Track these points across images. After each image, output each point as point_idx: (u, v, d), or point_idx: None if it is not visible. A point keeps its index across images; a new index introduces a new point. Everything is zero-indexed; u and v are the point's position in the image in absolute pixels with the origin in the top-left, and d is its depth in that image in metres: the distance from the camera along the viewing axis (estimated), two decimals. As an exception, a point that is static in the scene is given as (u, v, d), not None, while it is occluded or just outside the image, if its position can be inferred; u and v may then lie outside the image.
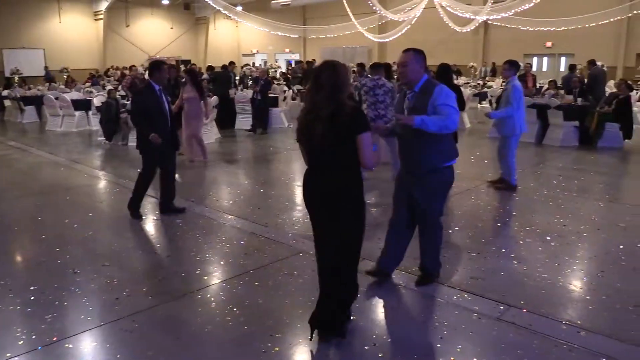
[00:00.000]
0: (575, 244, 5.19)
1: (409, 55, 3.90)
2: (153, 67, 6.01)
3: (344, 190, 3.23)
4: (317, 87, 3.15)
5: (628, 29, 22.66)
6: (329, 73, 3.14)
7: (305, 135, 3.23)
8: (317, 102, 3.14)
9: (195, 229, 5.73)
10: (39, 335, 3.50)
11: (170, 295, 4.05)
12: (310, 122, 3.16)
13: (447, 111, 3.77)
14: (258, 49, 37.51)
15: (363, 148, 3.13)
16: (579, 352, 3.26)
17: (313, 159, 3.29)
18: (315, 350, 3.33)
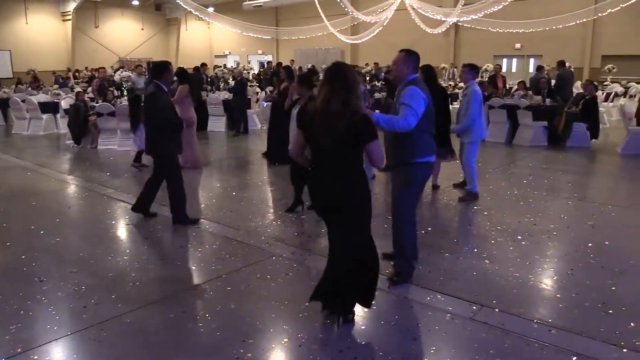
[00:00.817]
0: (546, 243, 5.27)
1: (400, 56, 4.17)
2: (160, 68, 5.75)
3: (355, 186, 3.35)
4: (330, 85, 3.23)
5: (593, 31, 23.21)
6: (340, 73, 3.27)
7: (316, 132, 3.28)
8: (329, 100, 3.20)
9: (166, 233, 5.63)
10: (2, 346, 3.37)
11: (140, 301, 3.96)
12: (321, 119, 3.23)
13: (403, 111, 3.95)
14: (230, 51, 37.26)
15: (373, 153, 3.32)
16: (550, 350, 3.29)
17: (320, 157, 3.38)
18: (289, 354, 3.30)
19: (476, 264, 4.68)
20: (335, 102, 3.19)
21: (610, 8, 19.99)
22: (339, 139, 3.20)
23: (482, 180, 7.87)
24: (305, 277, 4.46)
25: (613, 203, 6.67)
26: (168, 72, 5.75)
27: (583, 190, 7.67)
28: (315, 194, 3.50)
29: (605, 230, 5.62)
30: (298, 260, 4.78)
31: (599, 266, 4.63)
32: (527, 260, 4.77)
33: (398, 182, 4.23)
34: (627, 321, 3.62)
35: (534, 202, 6.67)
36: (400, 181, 4.20)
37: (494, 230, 5.65)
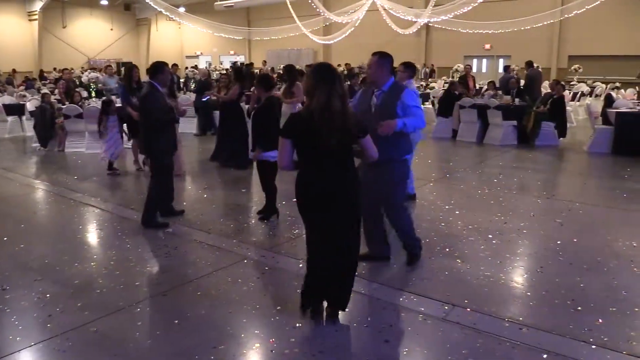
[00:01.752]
0: (516, 241, 5.32)
1: (373, 60, 4.28)
2: (155, 68, 5.71)
3: (350, 185, 3.41)
4: (332, 83, 3.23)
5: (560, 32, 23.72)
6: (336, 73, 3.33)
7: (323, 130, 3.20)
8: (336, 96, 3.22)
9: (134, 238, 5.51)
10: (-40, 359, 3.24)
11: (107, 309, 3.85)
12: (329, 117, 3.19)
13: (416, 112, 4.28)
14: (202, 51, 36.96)
15: (371, 147, 3.44)
16: (522, 348, 3.31)
17: (321, 156, 3.33)
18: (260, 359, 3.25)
19: (448, 264, 4.69)
20: (336, 100, 3.23)
21: (576, 10, 20.44)
22: (346, 137, 3.28)
23: (453, 179, 7.95)
24: (277, 280, 4.41)
25: (580, 200, 6.79)
26: (163, 73, 5.72)
27: (552, 189, 7.79)
28: (313, 193, 3.39)
29: (573, 227, 5.71)
30: (269, 263, 4.72)
31: (567, 263, 4.69)
32: (498, 259, 4.81)
33: (387, 179, 4.39)
34: (596, 317, 3.67)
35: (505, 201, 6.75)
36: (390, 178, 4.40)
37: (465, 229, 5.68)
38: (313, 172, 3.38)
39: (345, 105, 3.29)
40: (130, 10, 36.15)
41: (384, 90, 4.30)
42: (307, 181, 3.40)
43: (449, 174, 8.44)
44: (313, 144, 3.28)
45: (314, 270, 3.57)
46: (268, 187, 5.96)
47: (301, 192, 3.45)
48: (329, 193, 3.35)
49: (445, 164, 9.38)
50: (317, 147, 3.28)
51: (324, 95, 3.21)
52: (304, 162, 3.41)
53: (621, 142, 9.92)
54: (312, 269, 3.58)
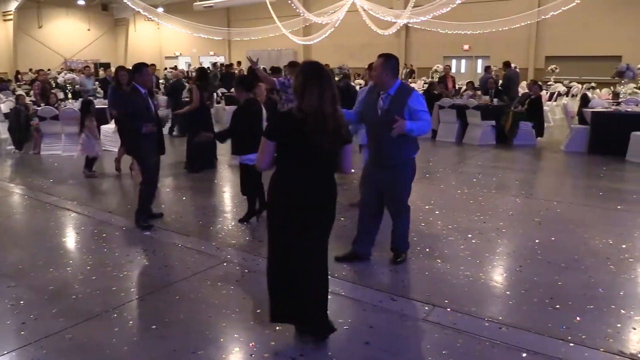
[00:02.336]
0: (495, 240, 5.36)
1: (378, 62, 4.26)
2: (134, 69, 5.77)
3: (334, 193, 3.28)
4: (322, 85, 3.05)
5: (537, 33, 24.01)
6: (327, 72, 3.15)
7: (315, 137, 3.01)
8: (327, 100, 3.04)
9: (112, 241, 5.42)
10: None
11: (83, 315, 3.77)
12: (322, 121, 3.02)
13: (423, 117, 4.27)
14: (181, 52, 36.63)
15: (347, 156, 3.24)
16: (501, 348, 3.33)
17: (313, 163, 3.14)
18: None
19: (428, 264, 4.70)
20: (328, 101, 3.05)
21: (553, 11, 20.72)
22: (337, 141, 3.13)
23: (433, 179, 7.99)
24: (257, 282, 4.35)
25: (558, 199, 6.88)
26: (141, 74, 5.69)
27: (530, 188, 7.87)
28: (305, 201, 3.15)
29: (551, 226, 5.77)
30: (249, 266, 4.68)
31: (546, 262, 4.73)
32: (477, 259, 4.83)
33: (403, 180, 4.48)
34: (574, 315, 3.71)
35: (484, 201, 6.80)
36: (406, 179, 4.51)
37: (445, 229, 5.71)
38: (301, 178, 3.14)
39: (336, 107, 3.10)
40: (108, 10, 35.72)
41: (390, 93, 4.27)
42: (295, 188, 3.13)
43: (428, 174, 8.48)
44: (304, 146, 3.06)
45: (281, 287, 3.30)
46: (250, 190, 5.90)
47: (286, 199, 3.15)
48: (318, 202, 3.19)
49: (424, 164, 9.40)
50: (308, 151, 3.06)
51: (314, 96, 3.01)
52: (289, 166, 3.15)
53: (597, 141, 10.08)
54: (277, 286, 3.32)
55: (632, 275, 4.47)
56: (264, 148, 3.13)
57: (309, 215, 3.18)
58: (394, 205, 4.59)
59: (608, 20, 21.69)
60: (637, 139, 9.38)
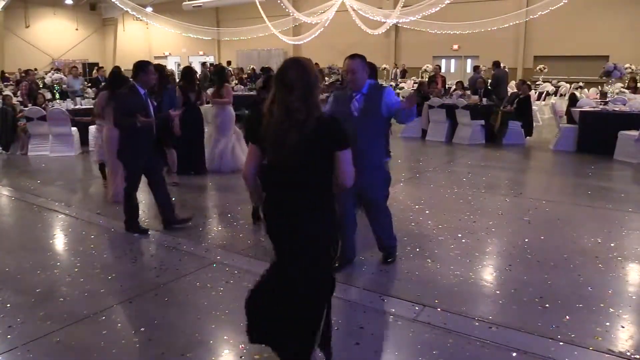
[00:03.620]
0: (485, 240, 5.37)
1: (357, 63, 4.12)
2: (137, 68, 5.40)
3: (314, 216, 2.66)
4: (286, 89, 2.55)
5: (526, 33, 24.18)
6: (298, 71, 2.58)
7: (275, 146, 2.61)
8: (290, 106, 2.54)
9: (100, 243, 5.37)
10: None
11: (70, 318, 3.72)
12: (283, 131, 2.55)
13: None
14: (170, 52, 36.46)
15: (343, 165, 2.62)
16: (491, 347, 3.33)
17: (280, 176, 2.67)
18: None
19: (418, 264, 4.70)
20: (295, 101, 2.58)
21: (541, 11, 20.86)
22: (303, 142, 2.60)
23: (423, 179, 7.99)
24: (246, 283, 4.32)
25: (547, 198, 6.91)
26: (145, 73, 5.39)
27: (519, 187, 7.91)
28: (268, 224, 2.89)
29: (540, 225, 5.79)
30: (239, 267, 4.65)
31: (535, 261, 4.75)
32: (467, 258, 4.84)
33: (375, 182, 4.40)
34: (563, 314, 3.72)
35: (474, 200, 6.81)
36: (384, 181, 4.55)
37: (435, 229, 5.71)
38: (268, 197, 2.79)
39: (307, 100, 2.56)
40: (96, 10, 35.49)
41: (363, 92, 4.23)
42: (265, 208, 2.83)
43: (418, 174, 8.49)
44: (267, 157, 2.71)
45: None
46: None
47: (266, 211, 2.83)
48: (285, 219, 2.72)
49: (414, 164, 9.43)
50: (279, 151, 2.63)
51: (276, 89, 2.62)
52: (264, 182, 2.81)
53: (585, 140, 10.16)
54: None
55: (620, 273, 4.50)
56: (248, 153, 2.87)
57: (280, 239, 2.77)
58: (373, 209, 4.56)
59: (596, 20, 21.88)
60: (624, 138, 9.45)
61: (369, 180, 4.25)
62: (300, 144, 2.54)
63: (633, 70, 16.85)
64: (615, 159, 9.47)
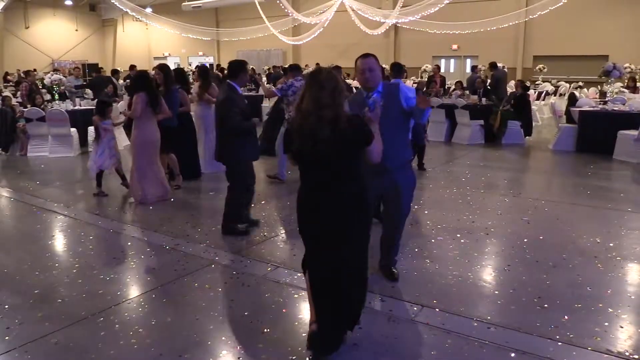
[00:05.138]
0: (484, 240, 5.37)
1: (373, 61, 3.99)
2: (236, 67, 5.36)
3: (354, 202, 3.04)
4: (318, 86, 2.92)
5: (525, 33, 24.16)
6: (329, 74, 3.00)
7: (309, 142, 2.92)
8: (321, 101, 2.89)
9: (98, 244, 5.37)
10: None
11: (69, 319, 3.72)
12: (312, 126, 2.89)
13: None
14: (170, 52, 36.42)
15: (370, 155, 3.07)
16: (489, 347, 3.32)
17: (318, 171, 3.02)
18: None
19: (417, 264, 4.70)
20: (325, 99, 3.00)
21: (540, 11, 20.86)
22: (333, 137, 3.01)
23: (422, 179, 7.98)
24: (245, 284, 4.33)
25: (546, 198, 6.91)
26: (244, 72, 5.40)
27: (518, 187, 7.90)
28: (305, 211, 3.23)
29: (539, 225, 5.79)
30: (238, 268, 4.64)
31: (534, 261, 4.74)
32: (466, 258, 4.83)
33: (407, 179, 4.16)
34: (562, 314, 3.71)
35: (472, 200, 6.81)
36: (409, 179, 4.20)
37: (434, 229, 5.71)
38: (303, 189, 3.13)
39: (335, 101, 2.92)
40: (96, 10, 35.47)
41: (379, 90, 4.06)
42: (306, 193, 3.13)
43: (417, 174, 8.48)
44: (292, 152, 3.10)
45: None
46: None
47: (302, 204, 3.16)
48: (327, 209, 3.04)
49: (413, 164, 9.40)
50: (297, 157, 3.07)
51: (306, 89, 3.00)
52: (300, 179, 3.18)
53: (584, 140, 10.15)
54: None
55: (619, 273, 4.49)
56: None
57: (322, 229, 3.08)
58: (398, 214, 4.24)
59: (595, 19, 21.87)
60: (623, 138, 9.45)
61: (395, 180, 4.04)
62: (331, 138, 2.87)
63: (632, 70, 16.83)
64: (614, 158, 9.46)
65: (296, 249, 5.04)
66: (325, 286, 3.10)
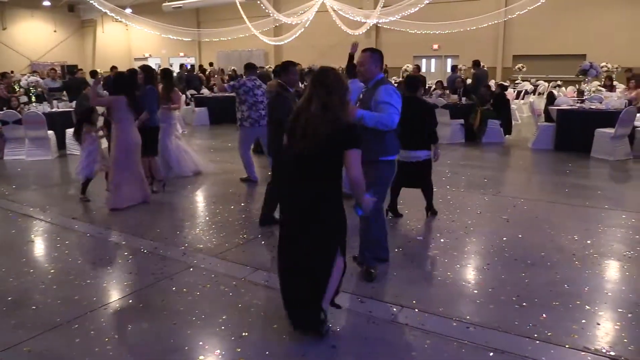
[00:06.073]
0: (463, 239, 5.38)
1: (365, 56, 4.19)
2: (282, 67, 5.69)
3: (322, 202, 3.21)
4: (325, 89, 3.15)
5: (505, 33, 24.41)
6: (336, 77, 3.20)
7: (297, 134, 3.17)
8: (329, 103, 3.13)
9: (75, 249, 5.28)
10: None
11: (43, 327, 3.64)
12: (316, 124, 3.10)
13: (386, 109, 4.03)
14: (151, 53, 36.10)
15: (350, 164, 3.13)
16: (468, 348, 3.32)
17: (295, 165, 3.22)
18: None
19: (397, 264, 4.69)
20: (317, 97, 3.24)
21: (519, 11, 21.08)
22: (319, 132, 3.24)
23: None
24: (224, 288, 4.28)
25: (525, 197, 6.96)
26: (287, 72, 5.58)
27: (498, 185, 7.96)
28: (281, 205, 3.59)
29: (518, 223, 5.83)
30: (217, 271, 4.60)
31: (512, 259, 4.77)
32: (445, 258, 4.84)
33: (376, 175, 4.17)
34: (540, 313, 3.73)
35: (452, 199, 6.84)
36: (380, 176, 4.21)
37: (414, 228, 5.72)
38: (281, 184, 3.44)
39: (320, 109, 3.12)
40: (75, 11, 34.98)
41: (369, 86, 4.22)
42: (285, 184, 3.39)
43: (399, 174, 8.49)
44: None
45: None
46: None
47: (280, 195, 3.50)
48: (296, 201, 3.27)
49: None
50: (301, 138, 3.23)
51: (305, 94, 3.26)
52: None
53: (562, 138, 10.27)
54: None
55: (596, 270, 4.54)
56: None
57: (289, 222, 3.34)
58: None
59: (573, 19, 22.17)
60: (600, 136, 9.57)
61: (371, 172, 4.01)
62: (329, 136, 3.06)
63: (609, 69, 17.07)
64: (592, 156, 9.58)
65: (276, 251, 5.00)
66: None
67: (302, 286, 3.30)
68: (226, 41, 29.40)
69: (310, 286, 3.29)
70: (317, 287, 3.30)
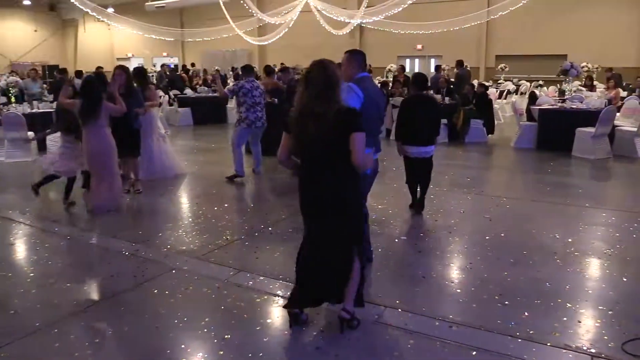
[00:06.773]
0: (446, 238, 5.41)
1: (344, 57, 4.30)
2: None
3: (341, 192, 3.28)
4: (307, 85, 3.21)
5: (487, 33, 24.62)
6: (319, 71, 3.21)
7: (301, 134, 3.24)
8: (309, 100, 3.19)
9: (56, 252, 5.20)
10: None
11: (21, 331, 3.57)
12: (304, 121, 3.19)
13: None
14: (134, 53, 35.77)
15: (355, 146, 3.15)
16: (451, 347, 3.33)
17: (308, 161, 3.32)
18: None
19: (380, 264, 4.69)
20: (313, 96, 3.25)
21: (501, 11, 21.25)
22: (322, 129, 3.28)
23: (385, 178, 7.99)
24: (206, 289, 4.24)
25: (508, 195, 7.02)
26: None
27: (481, 185, 8.01)
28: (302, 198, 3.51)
29: (501, 222, 5.87)
30: (199, 273, 4.55)
31: (495, 258, 4.80)
32: (428, 257, 4.86)
33: None
34: (522, 311, 3.76)
35: (436, 198, 6.86)
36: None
37: (397, 228, 5.73)
38: (302, 177, 3.40)
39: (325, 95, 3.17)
40: (56, 10, 34.56)
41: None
42: (299, 185, 3.42)
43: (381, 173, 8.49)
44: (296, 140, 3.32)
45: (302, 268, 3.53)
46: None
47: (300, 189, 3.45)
48: (316, 195, 3.33)
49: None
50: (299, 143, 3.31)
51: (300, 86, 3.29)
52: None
53: (544, 137, 10.38)
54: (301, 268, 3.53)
55: (577, 268, 4.58)
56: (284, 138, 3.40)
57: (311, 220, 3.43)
58: None
59: (554, 20, 22.43)
60: (581, 135, 9.68)
61: None
62: (318, 133, 3.13)
63: (589, 69, 17.30)
64: (573, 155, 9.69)
65: (259, 252, 5.00)
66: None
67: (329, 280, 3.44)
68: (210, 41, 29.22)
69: (335, 281, 3.44)
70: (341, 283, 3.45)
